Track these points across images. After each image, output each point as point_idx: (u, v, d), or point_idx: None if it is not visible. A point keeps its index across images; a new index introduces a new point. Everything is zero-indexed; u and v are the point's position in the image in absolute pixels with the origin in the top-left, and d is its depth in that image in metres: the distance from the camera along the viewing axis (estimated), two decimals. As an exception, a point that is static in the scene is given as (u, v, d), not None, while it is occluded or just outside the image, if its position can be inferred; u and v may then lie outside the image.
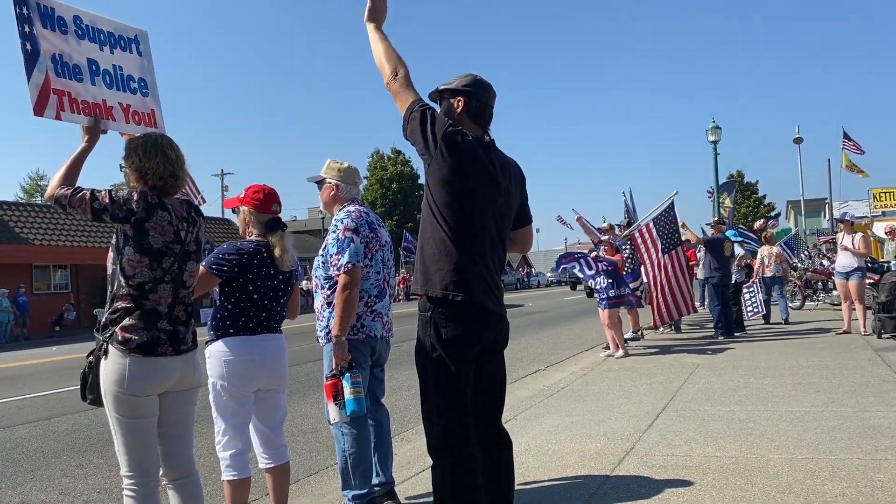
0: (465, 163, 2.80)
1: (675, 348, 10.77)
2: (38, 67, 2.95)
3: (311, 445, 5.89)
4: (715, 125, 22.68)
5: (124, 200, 2.79)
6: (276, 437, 3.59)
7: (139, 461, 2.83)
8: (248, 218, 3.56)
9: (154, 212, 2.83)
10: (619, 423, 5.75)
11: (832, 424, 5.28)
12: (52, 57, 3.02)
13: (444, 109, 3.00)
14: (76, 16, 3.18)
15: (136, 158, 2.91)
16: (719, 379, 7.63)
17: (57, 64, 3.03)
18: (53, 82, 2.99)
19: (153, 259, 2.83)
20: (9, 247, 25.87)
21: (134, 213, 2.79)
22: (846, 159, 19.96)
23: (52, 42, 3.04)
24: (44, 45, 2.99)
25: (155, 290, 2.85)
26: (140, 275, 2.81)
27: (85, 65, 3.17)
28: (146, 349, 2.80)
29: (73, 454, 6.02)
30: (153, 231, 2.82)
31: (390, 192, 49.43)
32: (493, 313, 2.87)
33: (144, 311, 2.82)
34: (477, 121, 2.97)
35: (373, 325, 3.87)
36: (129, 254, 2.81)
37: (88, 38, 3.22)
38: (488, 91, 3.02)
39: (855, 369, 7.75)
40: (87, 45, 3.21)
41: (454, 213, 2.79)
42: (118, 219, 2.79)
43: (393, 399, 7.19)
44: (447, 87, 3.01)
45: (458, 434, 2.76)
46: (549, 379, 8.64)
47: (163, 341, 2.84)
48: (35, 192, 49.99)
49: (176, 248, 2.90)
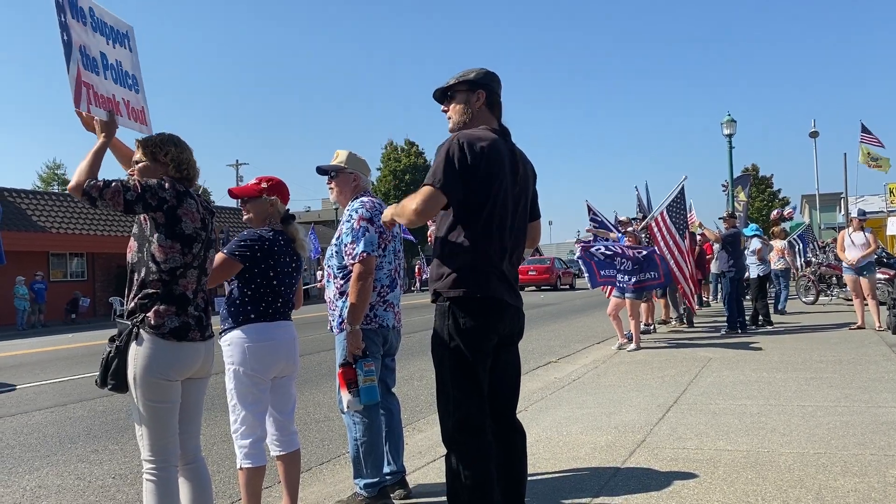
0: (490, 165, 2.81)
1: (687, 342, 10.74)
2: (72, 59, 2.95)
3: (322, 434, 5.93)
4: (730, 118, 22.53)
5: (156, 189, 2.82)
6: (289, 423, 3.63)
7: (162, 446, 2.87)
8: (272, 208, 3.61)
9: (184, 199, 2.90)
10: (630, 416, 5.75)
11: (845, 420, 5.26)
12: (79, 48, 3.03)
13: (459, 102, 3.01)
14: (91, 7, 3.19)
15: (173, 149, 2.98)
16: (731, 373, 7.61)
17: (83, 56, 3.05)
18: (83, 74, 3.00)
19: (185, 245, 2.88)
20: (26, 234, 26.13)
21: (166, 201, 2.83)
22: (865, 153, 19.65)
23: (78, 33, 3.05)
24: (73, 36, 3.00)
25: (185, 276, 2.90)
26: (172, 260, 2.86)
27: (99, 58, 3.18)
28: (179, 334, 2.85)
29: (89, 440, 6.10)
30: (185, 217, 2.88)
31: (403, 183, 49.37)
32: (510, 306, 2.89)
33: (175, 296, 2.87)
34: (494, 112, 3.04)
35: (385, 315, 3.90)
36: (161, 240, 2.84)
37: (99, 32, 3.23)
38: (499, 82, 3.08)
39: (868, 365, 7.70)
40: (99, 38, 3.21)
41: (473, 206, 2.81)
42: (150, 208, 2.81)
43: (404, 389, 7.22)
44: (464, 79, 3.01)
45: (475, 424, 2.78)
46: (561, 371, 8.65)
47: (192, 326, 2.90)
48: (52, 180, 50.30)
49: (203, 235, 2.97)
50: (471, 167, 2.76)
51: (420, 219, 2.79)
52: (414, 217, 2.78)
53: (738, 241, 12.21)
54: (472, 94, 3.00)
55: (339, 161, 4.02)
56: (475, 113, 2.99)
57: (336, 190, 4.03)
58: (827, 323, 12.36)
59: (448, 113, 3.06)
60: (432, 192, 2.74)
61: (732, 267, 12.02)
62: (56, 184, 49.29)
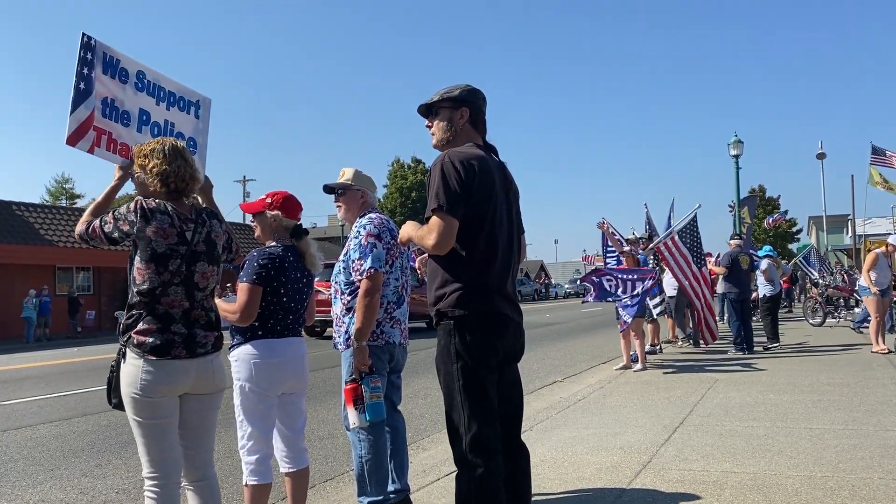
0: (483, 182, 2.82)
1: (694, 363, 10.69)
2: (85, 105, 3.25)
3: (327, 451, 5.91)
4: (737, 139, 22.54)
5: (124, 215, 2.90)
6: (298, 440, 3.62)
7: (159, 462, 2.87)
8: (276, 224, 3.61)
9: (153, 216, 2.89)
10: (635, 437, 5.71)
11: (852, 443, 5.22)
12: (103, 99, 3.34)
13: (443, 119, 3.01)
14: (140, 71, 3.55)
15: (159, 162, 2.97)
16: (738, 394, 7.56)
17: (107, 106, 3.36)
18: (97, 121, 3.30)
19: (159, 264, 2.88)
20: (33, 248, 26.25)
21: (135, 223, 2.87)
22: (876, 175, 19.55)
23: (108, 87, 3.36)
24: (98, 88, 3.30)
25: (166, 294, 2.89)
26: (148, 281, 2.87)
27: (136, 113, 3.52)
28: (159, 351, 2.85)
29: (93, 454, 6.09)
30: (155, 236, 2.88)
31: (409, 200, 49.56)
32: (513, 321, 2.89)
33: (157, 315, 2.88)
34: (478, 129, 3.02)
35: (392, 331, 3.89)
36: (138, 262, 2.90)
37: (147, 93, 3.58)
38: (484, 99, 3.06)
39: (876, 388, 7.65)
40: (144, 98, 3.57)
41: (472, 224, 2.80)
42: (125, 234, 2.91)
43: (408, 407, 7.19)
44: (448, 96, 3.00)
45: (489, 444, 2.75)
46: (566, 391, 8.60)
47: (177, 344, 2.88)
48: (60, 195, 50.62)
49: (181, 250, 2.93)
50: (466, 184, 2.75)
51: (440, 251, 2.78)
52: (434, 251, 2.79)
53: (737, 263, 12.17)
54: (455, 112, 2.98)
55: (346, 179, 4.04)
56: (458, 130, 2.98)
57: (343, 207, 4.05)
58: (834, 344, 12.29)
59: (431, 129, 3.05)
60: (444, 220, 2.73)
61: (734, 288, 12.00)
62: (64, 198, 49.58)
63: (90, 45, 3.27)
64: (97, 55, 3.29)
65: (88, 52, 3.26)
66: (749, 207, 24.51)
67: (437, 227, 2.74)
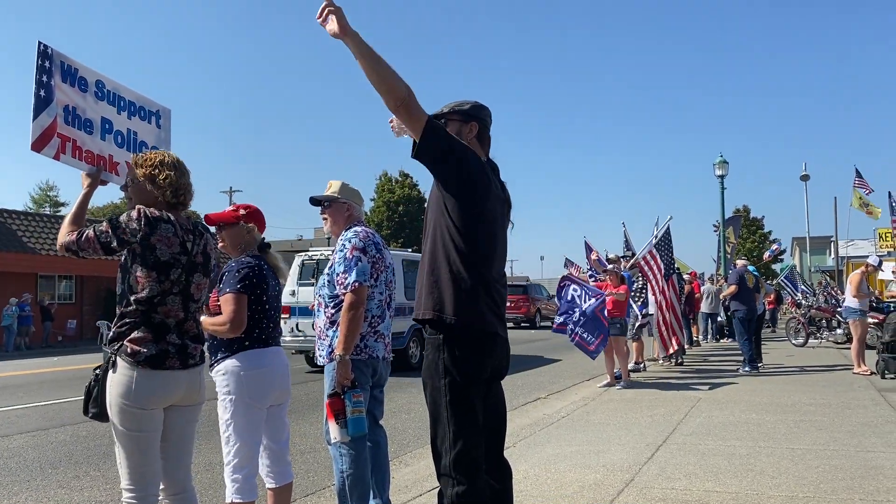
0: (487, 190, 2.82)
1: (677, 381, 10.71)
2: (47, 112, 3.19)
3: (308, 465, 5.86)
4: (722, 159, 22.74)
5: (126, 223, 2.85)
6: (284, 454, 3.57)
7: (141, 475, 2.83)
8: (250, 236, 3.58)
9: (157, 225, 2.87)
10: (618, 455, 5.71)
11: (834, 463, 5.24)
12: (64, 107, 3.29)
13: (452, 130, 3.00)
14: (99, 80, 3.49)
15: (172, 174, 2.99)
16: (721, 413, 7.58)
17: (68, 114, 3.30)
18: (60, 127, 3.24)
19: (161, 272, 2.86)
20: (15, 255, 25.95)
21: (138, 231, 2.84)
22: (858, 198, 19.85)
23: (68, 95, 3.31)
24: (59, 96, 3.25)
25: (164, 303, 2.87)
26: (149, 289, 2.84)
27: (98, 122, 3.47)
28: (154, 362, 2.81)
29: (70, 465, 6.00)
30: (160, 244, 2.86)
31: (396, 214, 49.48)
32: (500, 337, 2.88)
33: (153, 325, 2.84)
34: (484, 146, 3.01)
35: (375, 345, 3.88)
36: (138, 271, 2.85)
37: (107, 102, 3.54)
38: (490, 116, 3.06)
39: (858, 409, 7.69)
40: (105, 107, 3.52)
41: (473, 238, 2.78)
42: (125, 243, 2.85)
43: (391, 422, 7.15)
44: (459, 109, 2.98)
45: (474, 461, 2.72)
46: (550, 408, 8.59)
47: (171, 354, 2.86)
48: (44, 202, 50.25)
49: (183, 260, 2.93)
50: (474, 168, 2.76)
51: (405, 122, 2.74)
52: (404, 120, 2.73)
53: (744, 281, 12.27)
54: (465, 125, 2.96)
55: (333, 191, 4.04)
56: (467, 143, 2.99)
57: (329, 220, 4.05)
58: (817, 365, 12.37)
59: None
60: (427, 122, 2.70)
61: (741, 306, 12.06)
62: (48, 205, 49.21)
63: (47, 54, 3.21)
64: (55, 63, 3.23)
65: (46, 60, 3.20)
66: (734, 227, 24.73)
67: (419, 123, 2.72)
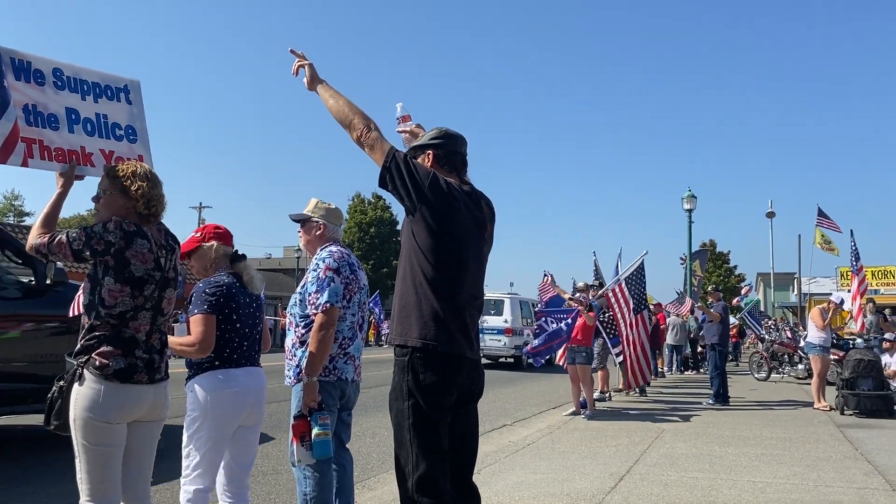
0: (452, 210, 2.84)
1: (642, 412, 10.79)
2: (5, 117, 3.01)
3: (269, 487, 5.77)
4: (690, 193, 23.15)
5: (101, 233, 2.79)
6: (244, 476, 3.53)
7: (103, 490, 2.77)
8: (215, 254, 3.56)
9: (133, 240, 2.83)
10: (582, 484, 5.72)
11: (793, 497, 5.31)
12: (23, 107, 3.09)
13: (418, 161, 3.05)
14: (56, 68, 3.27)
15: (145, 185, 2.93)
16: (684, 445, 7.65)
17: (29, 114, 3.11)
18: (23, 130, 3.06)
19: (134, 287, 2.82)
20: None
21: (113, 244, 2.79)
22: (820, 236, 20.39)
23: (25, 93, 3.11)
24: (15, 96, 3.06)
25: (135, 318, 2.84)
26: (121, 304, 2.80)
27: (63, 114, 3.24)
28: (123, 376, 2.77)
29: (27, 481, 5.83)
30: (134, 259, 2.82)
31: (368, 235, 49.49)
32: (469, 360, 2.88)
33: (123, 339, 2.80)
34: (451, 170, 3.02)
35: (345, 367, 3.85)
36: (110, 284, 2.80)
37: (69, 89, 3.30)
38: (456, 140, 3.08)
39: (817, 444, 7.81)
40: (67, 96, 3.29)
41: (438, 260, 2.81)
42: (98, 253, 2.79)
43: (356, 445, 7.08)
44: (416, 145, 3.08)
45: (436, 485, 2.72)
46: (515, 435, 8.59)
47: (139, 369, 2.82)
48: (8, 211, 49.30)
49: (157, 276, 2.90)
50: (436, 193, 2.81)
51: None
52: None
53: (727, 315, 12.50)
54: (422, 154, 3.03)
55: (309, 209, 4.04)
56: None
57: (304, 238, 4.04)
58: (779, 399, 12.55)
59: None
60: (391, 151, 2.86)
61: (722, 339, 12.22)
62: (12, 214, 48.29)
63: None
64: (4, 62, 3.05)
65: None
66: (700, 261, 25.12)
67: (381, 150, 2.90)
